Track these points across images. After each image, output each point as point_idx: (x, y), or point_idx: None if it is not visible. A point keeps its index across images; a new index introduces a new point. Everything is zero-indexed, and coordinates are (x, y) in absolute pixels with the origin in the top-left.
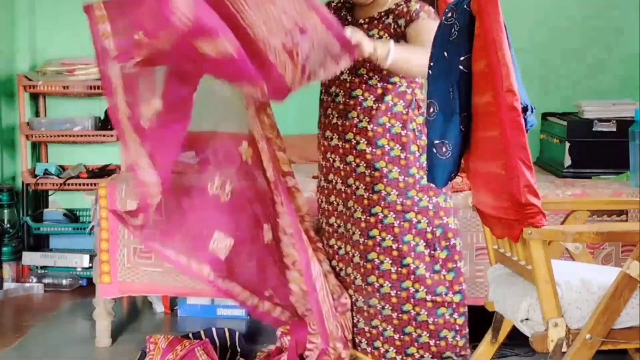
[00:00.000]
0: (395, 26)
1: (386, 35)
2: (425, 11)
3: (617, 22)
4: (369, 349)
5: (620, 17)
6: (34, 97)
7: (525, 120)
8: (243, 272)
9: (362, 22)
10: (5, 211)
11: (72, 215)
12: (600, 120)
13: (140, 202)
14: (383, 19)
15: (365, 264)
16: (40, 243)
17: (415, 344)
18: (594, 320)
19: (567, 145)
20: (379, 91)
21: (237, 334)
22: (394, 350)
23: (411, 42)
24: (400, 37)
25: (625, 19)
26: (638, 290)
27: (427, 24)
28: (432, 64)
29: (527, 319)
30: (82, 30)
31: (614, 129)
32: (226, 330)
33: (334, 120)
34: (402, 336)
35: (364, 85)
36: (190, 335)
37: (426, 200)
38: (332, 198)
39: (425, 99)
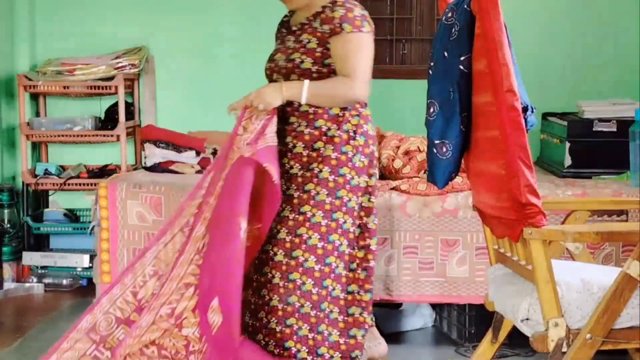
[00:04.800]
0: (321, 31)
1: (314, 39)
2: (349, 21)
3: (617, 22)
4: (276, 351)
5: (620, 17)
6: (34, 97)
7: (525, 120)
8: None
9: (295, 28)
10: (6, 211)
11: (72, 215)
12: (600, 120)
13: None
14: (312, 22)
15: (289, 261)
16: (41, 243)
17: (326, 343)
18: (594, 320)
19: (567, 145)
20: (310, 116)
21: None
22: (306, 350)
23: (336, 61)
24: (325, 42)
25: (625, 19)
26: (638, 290)
27: (351, 40)
28: (432, 64)
29: (527, 319)
30: (83, 30)
31: (614, 129)
32: None
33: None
34: (315, 335)
35: (296, 113)
36: None
37: (354, 200)
38: None
39: (426, 99)
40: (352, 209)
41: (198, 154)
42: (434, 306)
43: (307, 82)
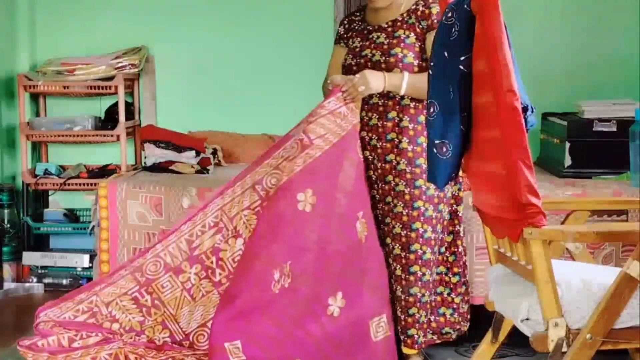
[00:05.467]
0: (419, 27)
1: (412, 34)
2: None
3: (617, 23)
4: (402, 337)
5: (620, 17)
6: (34, 97)
7: (525, 120)
8: None
9: (386, 25)
10: (6, 211)
11: (72, 215)
12: (600, 120)
13: None
14: (406, 19)
15: (407, 254)
16: (41, 243)
17: (447, 323)
18: (594, 320)
19: (567, 145)
20: (412, 111)
21: None
22: (422, 334)
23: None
24: (423, 38)
25: (625, 19)
26: (638, 290)
27: None
28: (432, 64)
29: (527, 319)
30: (83, 30)
31: (614, 129)
32: None
33: (374, 121)
34: (437, 317)
35: (397, 107)
36: None
37: (450, 191)
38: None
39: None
40: (449, 199)
41: (198, 154)
42: None
43: (406, 74)
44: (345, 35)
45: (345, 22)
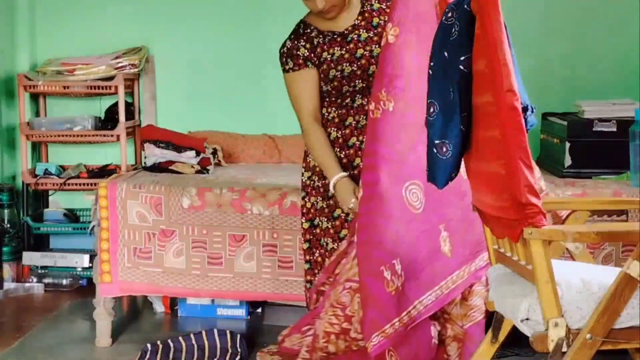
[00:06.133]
0: (386, 5)
1: (386, 16)
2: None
3: (617, 22)
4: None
5: (620, 17)
6: (34, 97)
7: (525, 120)
8: None
9: (357, 22)
10: (6, 211)
11: (72, 215)
12: (600, 120)
13: None
14: (371, 7)
15: None
16: (41, 243)
17: None
18: (594, 320)
19: (567, 145)
20: None
21: (238, 336)
22: None
23: None
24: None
25: (625, 19)
26: (638, 290)
27: None
28: (432, 63)
29: (527, 319)
30: (83, 30)
31: (614, 129)
32: (228, 332)
33: (362, 123)
34: None
35: None
36: (192, 335)
37: None
38: None
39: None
40: None
41: (198, 154)
42: None
43: None
44: (312, 55)
45: (302, 42)
